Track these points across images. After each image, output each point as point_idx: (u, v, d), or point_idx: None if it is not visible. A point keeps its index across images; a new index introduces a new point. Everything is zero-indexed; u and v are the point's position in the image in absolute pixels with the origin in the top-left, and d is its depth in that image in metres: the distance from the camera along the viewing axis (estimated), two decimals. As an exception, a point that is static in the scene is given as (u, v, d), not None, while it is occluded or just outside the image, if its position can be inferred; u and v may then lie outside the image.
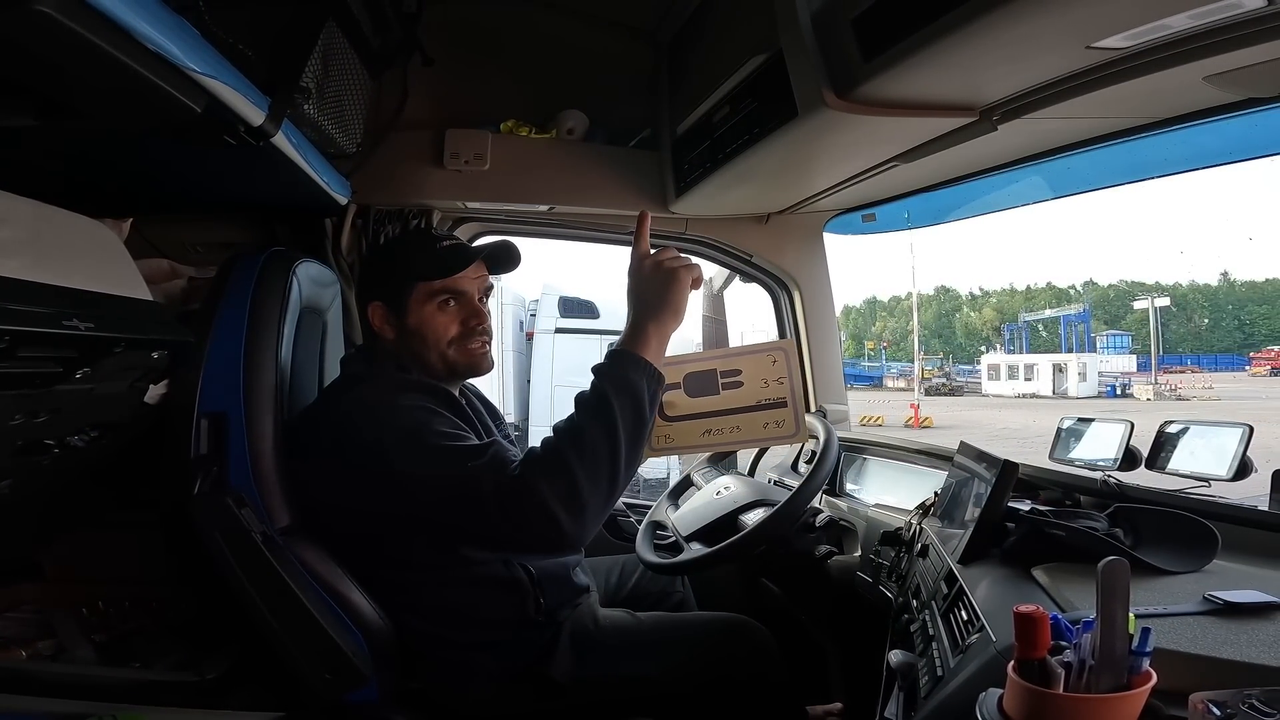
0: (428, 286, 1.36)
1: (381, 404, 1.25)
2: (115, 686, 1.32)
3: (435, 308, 1.36)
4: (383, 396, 1.27)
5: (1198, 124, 1.31)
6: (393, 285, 1.37)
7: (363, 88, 1.71)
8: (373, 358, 1.40)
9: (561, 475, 1.13)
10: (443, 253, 1.38)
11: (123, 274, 1.24)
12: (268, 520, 1.28)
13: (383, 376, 1.33)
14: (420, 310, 1.36)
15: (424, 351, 1.37)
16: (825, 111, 1.28)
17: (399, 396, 1.27)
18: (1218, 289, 52.47)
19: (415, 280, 1.36)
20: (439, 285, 1.36)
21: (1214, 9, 0.91)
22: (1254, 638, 0.76)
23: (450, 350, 1.37)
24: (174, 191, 1.63)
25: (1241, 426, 1.19)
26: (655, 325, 1.23)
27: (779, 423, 1.29)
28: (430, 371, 1.38)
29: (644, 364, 1.20)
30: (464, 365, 1.39)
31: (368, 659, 1.26)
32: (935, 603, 1.10)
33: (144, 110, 1.01)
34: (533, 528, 1.14)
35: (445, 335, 1.37)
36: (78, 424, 1.24)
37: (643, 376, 1.19)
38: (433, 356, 1.37)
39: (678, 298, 1.24)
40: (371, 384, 1.31)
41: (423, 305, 1.36)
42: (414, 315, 1.36)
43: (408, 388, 1.30)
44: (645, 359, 1.21)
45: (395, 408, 1.24)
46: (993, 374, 30.18)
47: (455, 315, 1.37)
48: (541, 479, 1.13)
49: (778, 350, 1.31)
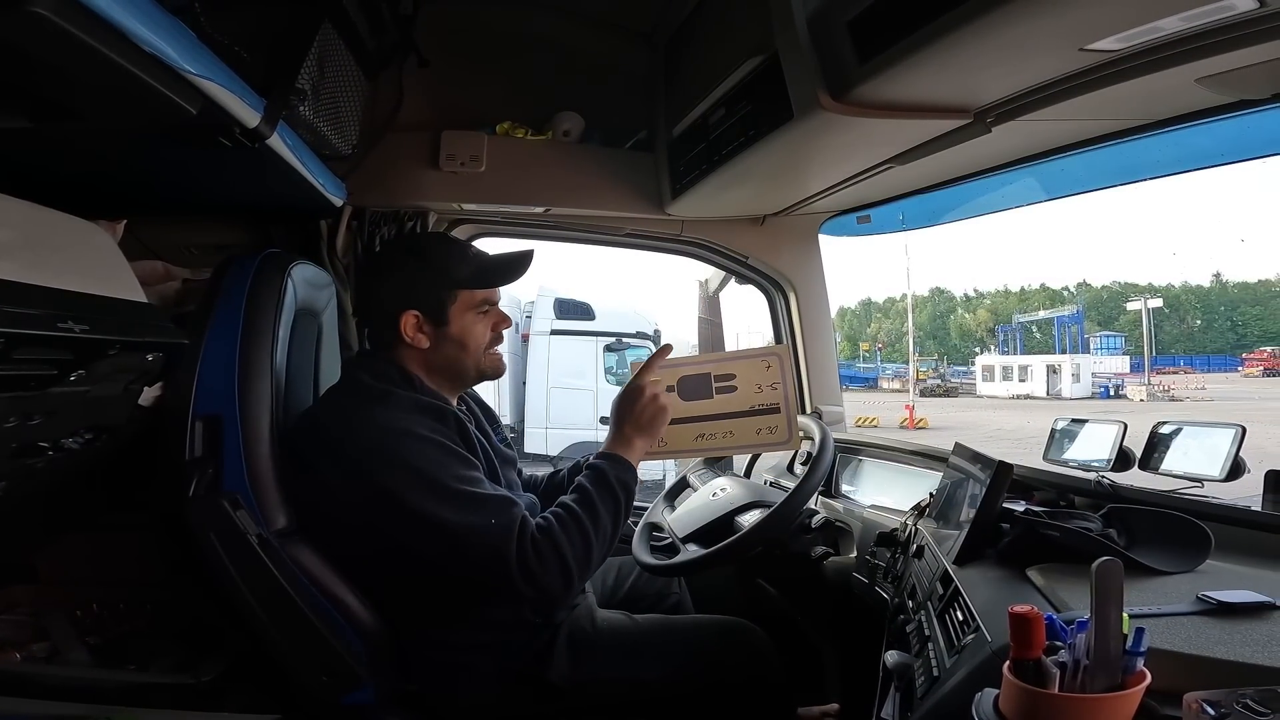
0: (470, 296, 1.37)
1: (396, 430, 1.24)
2: (110, 688, 1.32)
3: (475, 316, 1.38)
4: (397, 421, 1.25)
5: (1190, 125, 1.32)
6: (433, 293, 1.36)
7: (358, 89, 1.71)
8: (378, 368, 1.36)
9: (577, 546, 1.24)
10: (481, 262, 1.41)
11: (117, 276, 1.24)
12: (263, 523, 1.27)
13: (394, 394, 1.30)
14: (462, 319, 1.37)
15: (462, 358, 1.38)
16: (821, 113, 1.28)
17: (415, 423, 1.26)
18: (1210, 290, 52.78)
19: (460, 289, 1.37)
20: (480, 295, 1.38)
21: (1206, 11, 0.92)
22: (1247, 637, 0.76)
23: (484, 358, 1.40)
24: (168, 193, 1.63)
25: (1234, 427, 1.19)
26: (636, 444, 1.36)
27: (772, 429, 1.29)
28: (458, 378, 1.40)
29: (631, 470, 1.35)
30: (492, 370, 1.43)
31: (364, 661, 1.26)
32: (931, 603, 1.10)
33: (139, 112, 1.01)
34: (550, 589, 1.23)
35: (483, 343, 1.39)
36: (72, 426, 1.23)
37: (633, 480, 1.34)
38: (469, 364, 1.39)
39: (659, 429, 1.37)
40: (383, 404, 1.28)
41: (464, 314, 1.37)
42: (456, 324, 1.37)
43: (421, 410, 1.29)
44: (631, 464, 1.35)
45: (412, 437, 1.24)
46: (987, 375, 30.29)
47: (488, 323, 1.40)
48: (566, 546, 1.23)
49: (772, 355, 1.32)
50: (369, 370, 1.36)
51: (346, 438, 1.26)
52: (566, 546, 1.23)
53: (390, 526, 1.23)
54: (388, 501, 1.21)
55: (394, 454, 1.23)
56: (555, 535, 1.23)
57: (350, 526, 1.28)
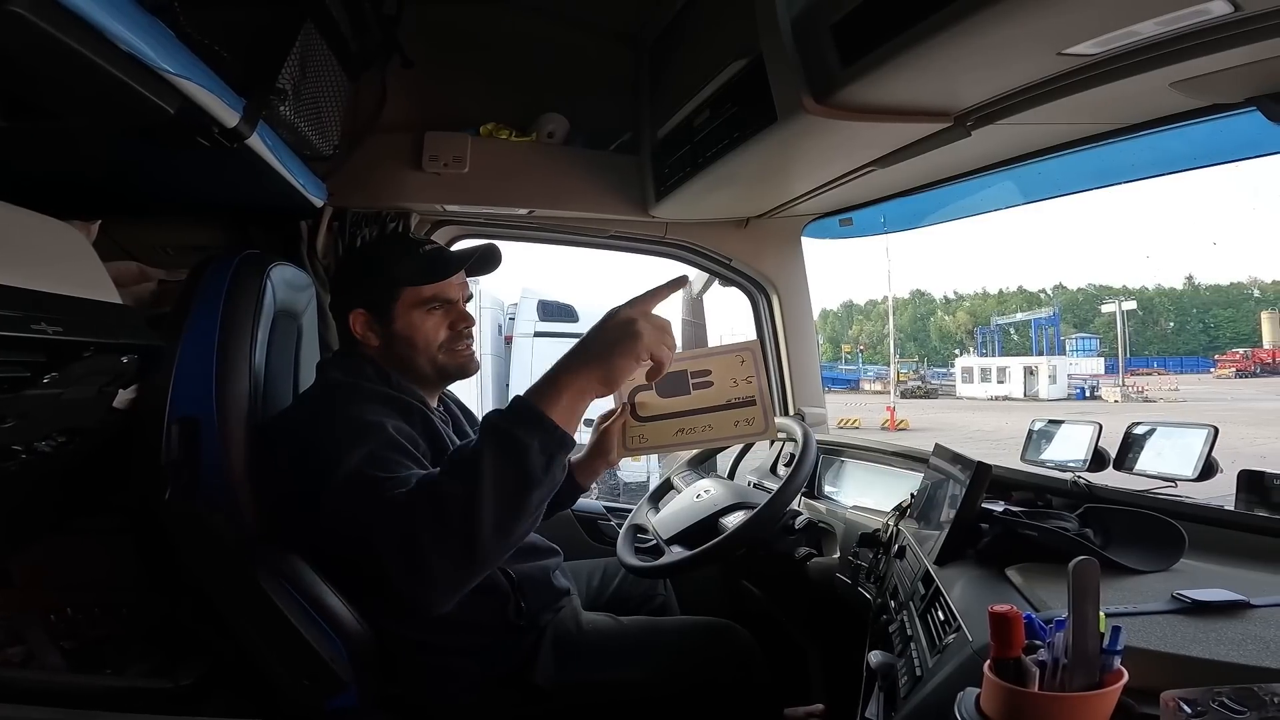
0: (415, 293, 1.35)
1: (357, 420, 1.18)
2: (87, 693, 1.30)
3: (423, 313, 1.35)
4: (359, 411, 1.20)
5: (1164, 130, 1.34)
6: (377, 292, 1.36)
7: (340, 89, 1.69)
8: (350, 365, 1.36)
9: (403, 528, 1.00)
10: (429, 258, 1.37)
11: (91, 277, 1.22)
12: (241, 526, 1.26)
13: (361, 387, 1.29)
14: (408, 316, 1.35)
15: (413, 356, 1.36)
16: (804, 116, 1.29)
17: (375, 412, 1.21)
18: (1183, 293, 53.77)
19: (402, 286, 1.34)
20: (428, 292, 1.35)
21: (1181, 15, 0.93)
22: (1221, 636, 0.78)
23: (440, 355, 1.37)
24: (144, 193, 1.61)
25: (1207, 428, 1.22)
26: (575, 380, 1.03)
27: (749, 420, 1.30)
28: (419, 377, 1.37)
29: (545, 422, 1.00)
30: (454, 368, 1.39)
31: (347, 665, 1.25)
32: (913, 603, 1.11)
33: (115, 111, 0.99)
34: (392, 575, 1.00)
35: (435, 340, 1.36)
36: (45, 429, 1.21)
37: (535, 437, 0.99)
38: (422, 361, 1.36)
39: (619, 361, 1.04)
40: (347, 395, 1.26)
41: (409, 311, 1.35)
42: (401, 321, 1.35)
43: (386, 402, 1.27)
44: (548, 416, 1.01)
45: (357, 422, 1.17)
46: (966, 377, 30.60)
47: (443, 320, 1.37)
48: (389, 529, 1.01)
49: (745, 350, 1.33)
50: (340, 367, 1.36)
51: (311, 432, 1.22)
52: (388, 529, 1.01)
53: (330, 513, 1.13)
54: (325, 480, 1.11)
55: (349, 440, 1.13)
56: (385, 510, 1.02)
57: (324, 526, 1.26)
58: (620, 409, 1.39)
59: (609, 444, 1.52)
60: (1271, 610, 0.83)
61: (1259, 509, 1.17)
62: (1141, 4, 0.92)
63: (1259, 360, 34.48)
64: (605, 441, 1.51)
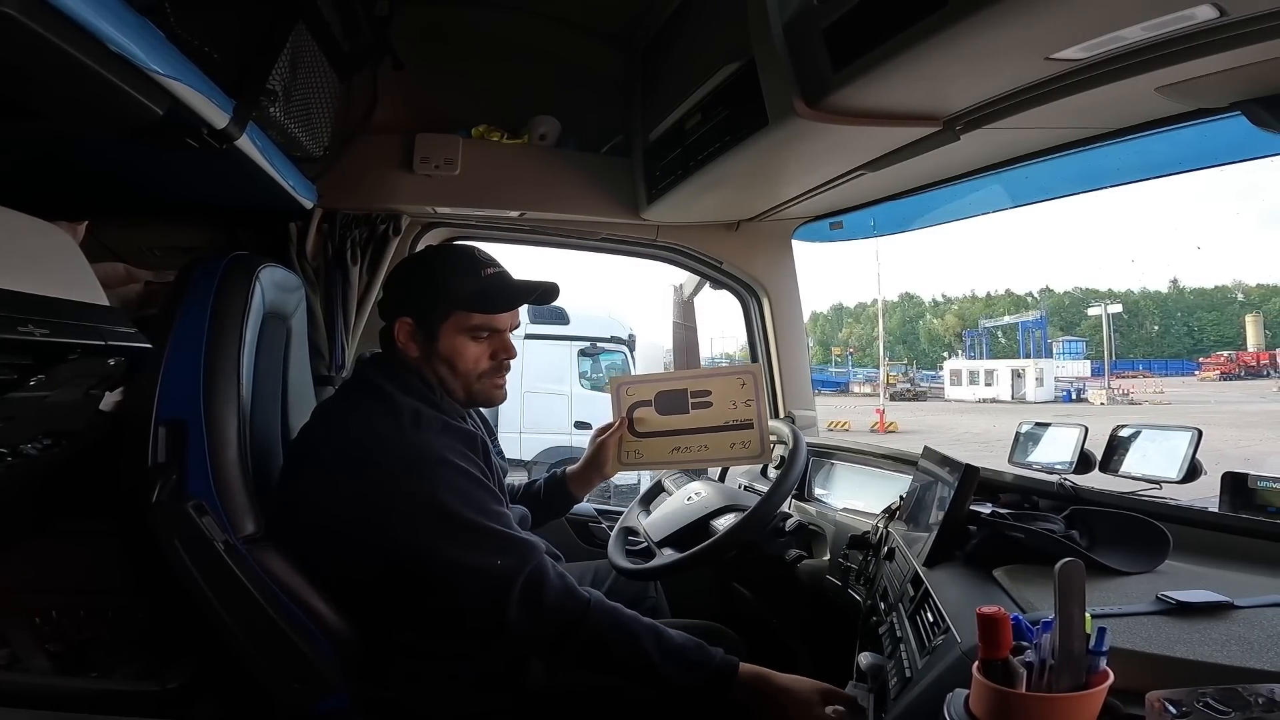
0: (466, 317, 1.31)
1: (431, 457, 1.21)
2: (73, 696, 1.29)
3: (469, 339, 1.32)
4: (430, 445, 1.22)
5: (1150, 134, 1.35)
6: (426, 305, 1.32)
7: (331, 91, 1.69)
8: (398, 375, 1.32)
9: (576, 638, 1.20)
10: (488, 285, 1.33)
11: (78, 278, 1.21)
12: (230, 529, 1.25)
13: (423, 413, 1.26)
14: (453, 338, 1.32)
15: (449, 378, 1.33)
16: (795, 120, 1.30)
17: (447, 448, 1.23)
18: (1168, 296, 54.26)
19: (455, 309, 1.31)
20: (479, 320, 1.32)
21: (1167, 20, 0.95)
22: (1205, 637, 0.78)
23: (477, 383, 1.34)
24: (131, 194, 1.59)
25: (1191, 430, 1.23)
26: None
27: (745, 443, 1.32)
28: (450, 396, 1.35)
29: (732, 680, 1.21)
30: (484, 398, 1.37)
31: (337, 667, 1.24)
32: (902, 605, 1.12)
33: (104, 112, 0.99)
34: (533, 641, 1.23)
35: (476, 368, 1.33)
36: (31, 432, 1.20)
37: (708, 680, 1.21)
38: (457, 385, 1.34)
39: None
40: (416, 424, 1.24)
41: (456, 334, 1.32)
42: (445, 342, 1.32)
43: (452, 434, 1.26)
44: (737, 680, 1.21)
45: (448, 466, 1.21)
46: (955, 379, 30.74)
47: (487, 349, 1.34)
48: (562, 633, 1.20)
49: (747, 374, 1.34)
50: (389, 375, 1.32)
51: (360, 442, 1.23)
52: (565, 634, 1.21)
53: (400, 547, 1.21)
54: (404, 520, 1.19)
55: (426, 479, 1.20)
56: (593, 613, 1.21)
57: (346, 537, 1.25)
58: (618, 423, 1.39)
59: (605, 456, 1.53)
60: (1255, 611, 0.84)
61: (1243, 511, 1.17)
62: (1128, 9, 0.94)
63: (1243, 363, 34.84)
64: (601, 454, 1.52)
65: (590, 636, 1.20)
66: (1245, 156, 1.40)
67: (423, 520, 1.19)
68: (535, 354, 8.44)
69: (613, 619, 1.22)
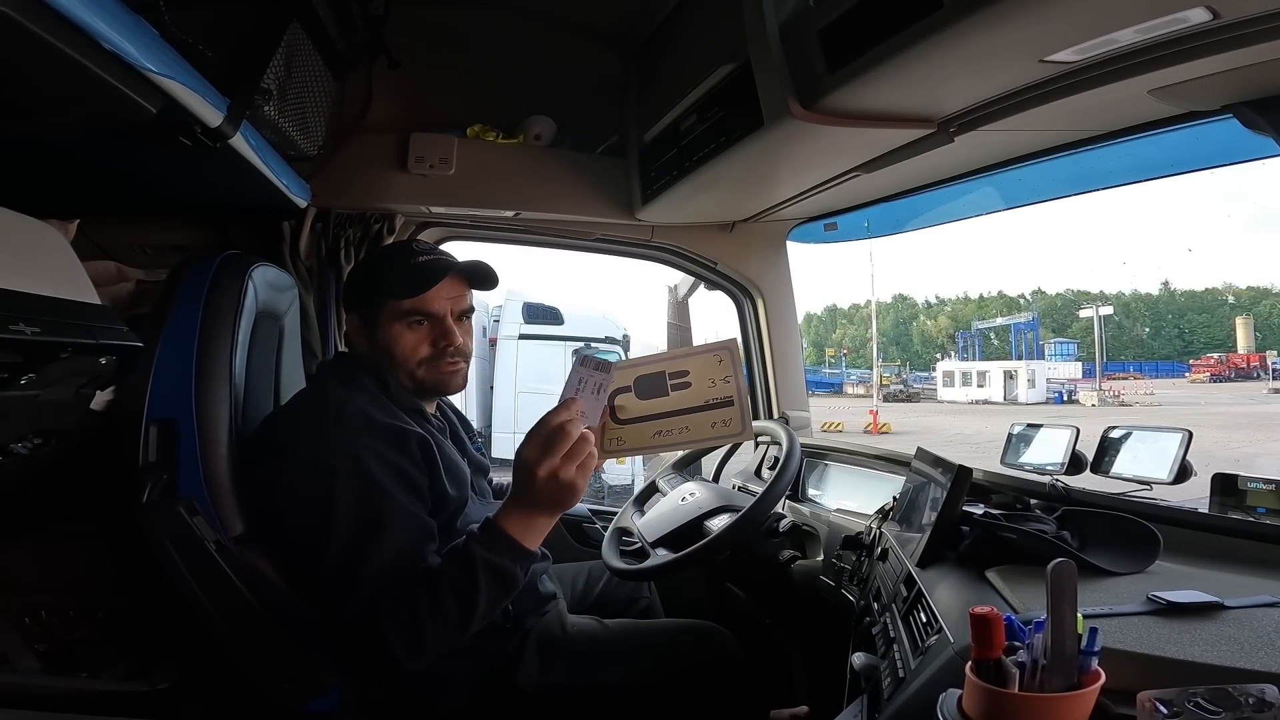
0: (396, 305, 1.31)
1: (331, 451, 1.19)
2: (63, 697, 1.27)
3: (404, 326, 1.31)
4: (336, 439, 1.20)
5: (1142, 136, 1.36)
6: (364, 299, 1.34)
7: (326, 89, 1.68)
8: (349, 374, 1.33)
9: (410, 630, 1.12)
10: (413, 270, 1.31)
11: (69, 277, 1.20)
12: (221, 529, 1.24)
13: (338, 401, 1.25)
14: (389, 329, 1.31)
15: (393, 369, 1.33)
16: (790, 121, 1.30)
17: (354, 444, 1.20)
18: (1159, 298, 54.66)
19: (385, 298, 1.31)
20: (408, 305, 1.31)
21: (1160, 23, 0.95)
22: (1196, 637, 0.79)
23: (419, 370, 1.33)
24: (123, 192, 1.58)
25: (1181, 431, 1.24)
26: (541, 517, 1.19)
27: (726, 421, 1.30)
28: (403, 387, 1.34)
29: (523, 553, 1.16)
30: (431, 384, 1.35)
31: (328, 667, 1.24)
32: (895, 605, 1.12)
33: (96, 110, 0.98)
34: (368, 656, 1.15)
35: (414, 355, 1.32)
36: (21, 431, 1.19)
37: (518, 564, 1.16)
38: (401, 375, 1.33)
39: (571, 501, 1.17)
40: (336, 420, 1.23)
41: (391, 324, 1.31)
42: (383, 333, 1.32)
43: (368, 429, 1.22)
44: (525, 548, 1.16)
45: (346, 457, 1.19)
46: (947, 380, 30.86)
47: (425, 335, 1.33)
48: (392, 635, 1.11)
49: (723, 350, 1.33)
50: (339, 376, 1.33)
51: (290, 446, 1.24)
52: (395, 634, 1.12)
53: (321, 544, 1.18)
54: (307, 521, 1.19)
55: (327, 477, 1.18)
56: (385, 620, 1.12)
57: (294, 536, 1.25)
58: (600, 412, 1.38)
59: None
60: (1245, 611, 0.85)
61: (1232, 511, 1.19)
62: (1122, 11, 0.94)
63: (1233, 365, 35.15)
64: None
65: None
66: (1235, 159, 1.41)
67: (317, 516, 1.17)
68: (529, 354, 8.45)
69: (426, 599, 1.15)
